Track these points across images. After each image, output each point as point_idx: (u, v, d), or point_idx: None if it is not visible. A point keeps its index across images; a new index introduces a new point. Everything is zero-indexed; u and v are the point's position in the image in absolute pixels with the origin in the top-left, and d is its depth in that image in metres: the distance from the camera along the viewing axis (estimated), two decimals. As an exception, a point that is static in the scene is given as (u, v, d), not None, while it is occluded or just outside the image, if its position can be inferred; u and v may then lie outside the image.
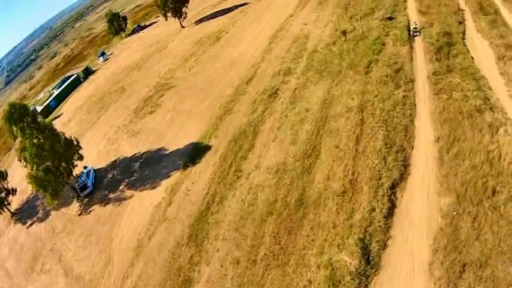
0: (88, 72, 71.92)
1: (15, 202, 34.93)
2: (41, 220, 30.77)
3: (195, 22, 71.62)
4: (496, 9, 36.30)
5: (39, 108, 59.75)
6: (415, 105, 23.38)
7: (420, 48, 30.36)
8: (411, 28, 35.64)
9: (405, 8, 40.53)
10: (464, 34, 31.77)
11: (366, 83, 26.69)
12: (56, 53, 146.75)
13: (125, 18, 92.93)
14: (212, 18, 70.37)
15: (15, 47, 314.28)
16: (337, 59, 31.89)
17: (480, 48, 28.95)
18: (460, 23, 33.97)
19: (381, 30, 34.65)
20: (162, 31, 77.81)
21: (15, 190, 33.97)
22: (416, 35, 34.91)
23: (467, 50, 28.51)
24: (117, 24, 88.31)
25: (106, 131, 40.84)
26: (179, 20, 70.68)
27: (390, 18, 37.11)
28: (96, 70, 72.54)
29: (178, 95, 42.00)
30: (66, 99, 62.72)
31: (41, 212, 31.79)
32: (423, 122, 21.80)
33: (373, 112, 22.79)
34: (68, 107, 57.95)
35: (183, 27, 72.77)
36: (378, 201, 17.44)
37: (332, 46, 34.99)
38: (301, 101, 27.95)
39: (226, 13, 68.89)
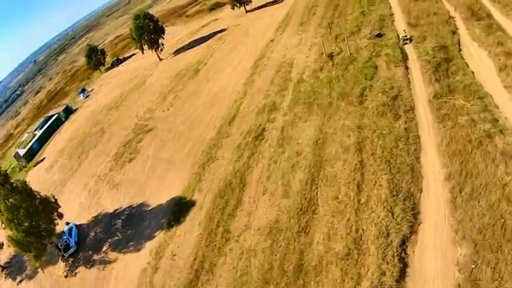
0: (69, 112, 74.59)
1: (3, 255, 35.49)
2: (30, 278, 31.26)
3: (173, 53, 73.99)
4: (488, 13, 37.13)
5: (22, 152, 61.65)
6: (418, 137, 22.80)
7: (416, 67, 30.38)
8: (400, 37, 36.63)
9: (393, 21, 41.34)
10: (459, 45, 32.26)
11: (361, 115, 26.22)
12: (41, 87, 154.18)
13: (103, 52, 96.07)
14: (190, 48, 72.49)
15: (1, 82, 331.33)
16: (326, 88, 31.67)
17: (479, 60, 29.24)
18: (454, 32, 34.60)
19: (370, 50, 34.80)
20: (140, 64, 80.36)
21: (2, 244, 34.64)
22: (406, 43, 35.88)
23: (466, 64, 28.76)
24: (95, 59, 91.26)
25: (87, 181, 41.03)
26: (156, 52, 72.70)
27: (379, 35, 37.44)
28: (76, 109, 75.20)
29: (158, 139, 42.06)
30: (49, 140, 64.45)
31: (29, 268, 32.27)
32: (430, 158, 21.13)
33: (373, 152, 22.10)
34: (50, 150, 59.03)
35: (160, 59, 75.19)
36: (387, 263, 16.47)
37: (319, 73, 35.02)
38: (290, 142, 27.27)
39: (205, 41, 70.81)
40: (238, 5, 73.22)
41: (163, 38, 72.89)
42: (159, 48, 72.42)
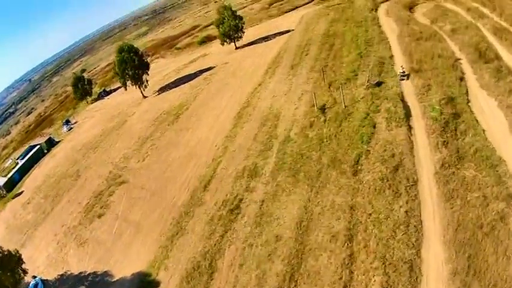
0: (51, 144, 76.99)
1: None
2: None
3: (158, 91, 75.50)
4: (496, 53, 37.84)
5: (3, 181, 63.95)
6: (421, 222, 21.30)
7: (421, 126, 29.65)
8: (398, 73, 38.13)
9: (393, 65, 41.50)
10: (467, 95, 32.17)
11: (355, 190, 24.92)
12: (33, 108, 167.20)
13: (89, 82, 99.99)
14: (175, 87, 74.06)
15: None
16: (316, 151, 30.59)
17: (489, 113, 29.03)
18: (461, 79, 34.72)
19: (368, 103, 34.31)
20: (124, 100, 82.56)
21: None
22: (403, 79, 37.44)
23: (476, 120, 28.46)
24: (81, 88, 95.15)
25: (57, 230, 40.64)
26: (140, 89, 74.37)
27: (378, 84, 37.06)
28: (59, 141, 77.62)
29: (129, 195, 41.45)
30: (29, 172, 66.64)
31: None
32: (433, 251, 19.78)
33: (366, 243, 20.58)
34: (29, 184, 60.21)
35: (144, 96, 75.83)
36: None
37: (309, 130, 34.21)
38: (270, 221, 25.79)
39: (190, 80, 72.07)
40: (228, 40, 73.96)
41: (147, 74, 73.91)
42: (143, 85, 73.79)
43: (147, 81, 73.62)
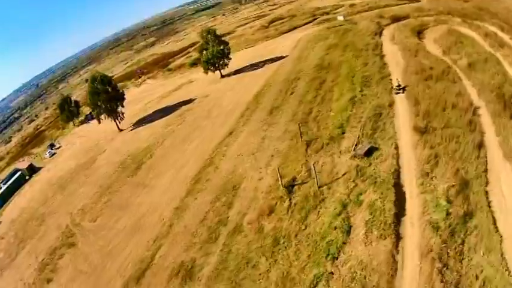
0: (33, 170, 75.92)
1: None
2: None
3: (134, 124, 71.06)
4: None
5: None
6: None
7: (414, 240, 20.82)
8: (394, 86, 35.98)
9: (392, 118, 32.95)
10: (486, 173, 24.10)
11: None
12: (36, 116, 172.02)
13: (76, 103, 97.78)
14: (151, 122, 69.43)
15: (5, 98, 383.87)
16: (267, 257, 22.64)
17: None
18: (480, 146, 26.66)
19: (349, 187, 26.11)
20: (103, 130, 77.98)
21: None
22: (398, 93, 35.85)
23: (494, 223, 20.02)
24: (68, 111, 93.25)
25: (15, 285, 37.25)
26: (115, 121, 70.09)
27: (368, 152, 28.25)
28: (40, 168, 76.28)
29: (74, 265, 36.44)
30: (11, 198, 65.93)
31: None
32: None
33: None
34: (7, 215, 59.12)
35: (120, 130, 70.32)
36: None
37: (266, 220, 26.08)
38: None
39: (167, 114, 66.72)
40: (212, 68, 66.67)
41: (122, 106, 68.14)
42: (119, 118, 68.97)
43: (122, 113, 69.01)
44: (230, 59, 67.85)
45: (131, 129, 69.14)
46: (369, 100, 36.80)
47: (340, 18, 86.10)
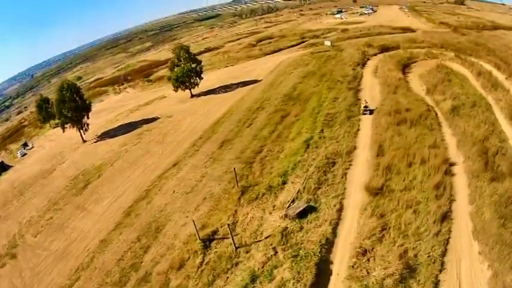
0: (3, 168, 72.91)
1: None
2: None
3: (99, 136, 67.88)
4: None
5: None
6: None
7: None
8: (361, 108, 36.47)
9: (345, 174, 28.39)
10: (444, 257, 19.50)
11: None
12: (25, 107, 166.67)
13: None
14: (113, 136, 65.29)
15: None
16: None
17: None
18: (444, 217, 21.96)
19: (267, 255, 21.85)
20: (67, 137, 74.07)
21: None
22: (365, 114, 36.90)
23: None
24: (45, 111, 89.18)
25: None
26: (80, 132, 66.88)
27: (303, 214, 23.96)
28: (10, 167, 73.50)
29: (9, 278, 34.46)
30: None
31: None
32: None
33: None
34: None
35: (84, 141, 67.14)
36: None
37: (174, 274, 22.32)
38: None
39: (129, 131, 63.07)
40: (182, 87, 62.67)
41: (88, 118, 66.10)
42: (83, 129, 66.01)
43: (87, 124, 65.96)
44: (202, 78, 63.85)
45: (94, 142, 66.16)
46: (326, 144, 32.39)
47: (327, 43, 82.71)
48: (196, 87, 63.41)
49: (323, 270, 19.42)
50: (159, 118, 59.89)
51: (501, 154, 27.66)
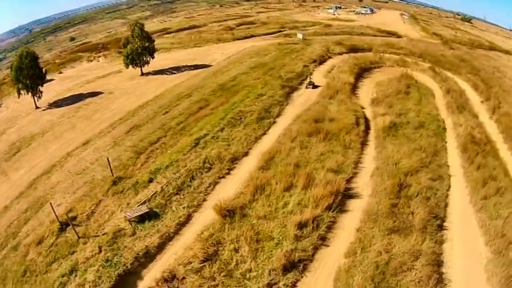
0: None
1: None
2: None
3: (51, 104, 65.46)
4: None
5: None
6: None
7: None
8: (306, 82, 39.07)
9: (215, 185, 28.48)
10: None
11: None
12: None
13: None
14: (59, 107, 63.00)
15: None
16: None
17: None
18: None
19: (93, 252, 21.03)
20: (24, 104, 71.91)
21: None
22: (309, 88, 39.58)
23: None
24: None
25: None
26: (33, 98, 64.88)
27: (146, 217, 23.70)
28: None
29: None
30: None
31: None
32: None
33: None
34: None
35: (37, 107, 65.62)
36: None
37: (33, 248, 22.66)
38: None
39: (75, 102, 60.89)
40: (133, 65, 61.83)
41: (41, 86, 64.86)
42: (37, 96, 64.49)
43: (41, 92, 64.71)
44: (153, 57, 62.96)
45: (43, 110, 64.21)
46: (214, 146, 31.15)
47: (300, 36, 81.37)
48: (146, 65, 62.45)
49: (129, 282, 19.07)
50: (102, 93, 59.06)
51: (422, 198, 22.66)
